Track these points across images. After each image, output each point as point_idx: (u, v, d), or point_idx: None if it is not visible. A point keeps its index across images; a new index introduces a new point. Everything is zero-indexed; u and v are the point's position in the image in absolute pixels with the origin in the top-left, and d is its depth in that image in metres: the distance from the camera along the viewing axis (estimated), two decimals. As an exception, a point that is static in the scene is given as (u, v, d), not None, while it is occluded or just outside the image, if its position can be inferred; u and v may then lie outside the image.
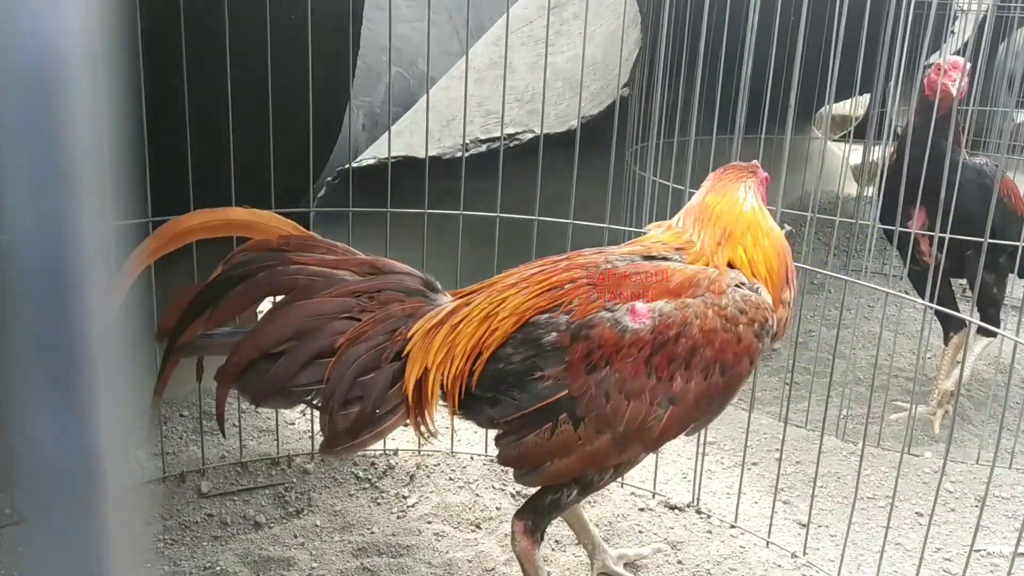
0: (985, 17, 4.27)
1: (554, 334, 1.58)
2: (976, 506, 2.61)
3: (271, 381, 1.58)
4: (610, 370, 1.55)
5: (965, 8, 5.79)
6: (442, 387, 1.64)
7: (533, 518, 1.72)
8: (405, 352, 1.61)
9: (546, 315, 1.60)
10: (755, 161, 1.90)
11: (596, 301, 1.58)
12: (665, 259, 1.67)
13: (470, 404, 1.66)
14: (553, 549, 2.27)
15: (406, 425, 1.66)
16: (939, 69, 2.84)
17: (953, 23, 5.39)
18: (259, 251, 1.65)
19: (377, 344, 1.60)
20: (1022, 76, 5.59)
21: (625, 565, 2.13)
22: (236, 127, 2.28)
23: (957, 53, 5.20)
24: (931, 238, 2.78)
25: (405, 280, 1.67)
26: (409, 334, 1.62)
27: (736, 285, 1.63)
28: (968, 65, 2.86)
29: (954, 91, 2.78)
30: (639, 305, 1.57)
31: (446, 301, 1.70)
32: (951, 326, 3.20)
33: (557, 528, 2.29)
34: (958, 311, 3.14)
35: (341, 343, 1.58)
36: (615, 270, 1.63)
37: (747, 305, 1.60)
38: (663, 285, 1.59)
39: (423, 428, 1.65)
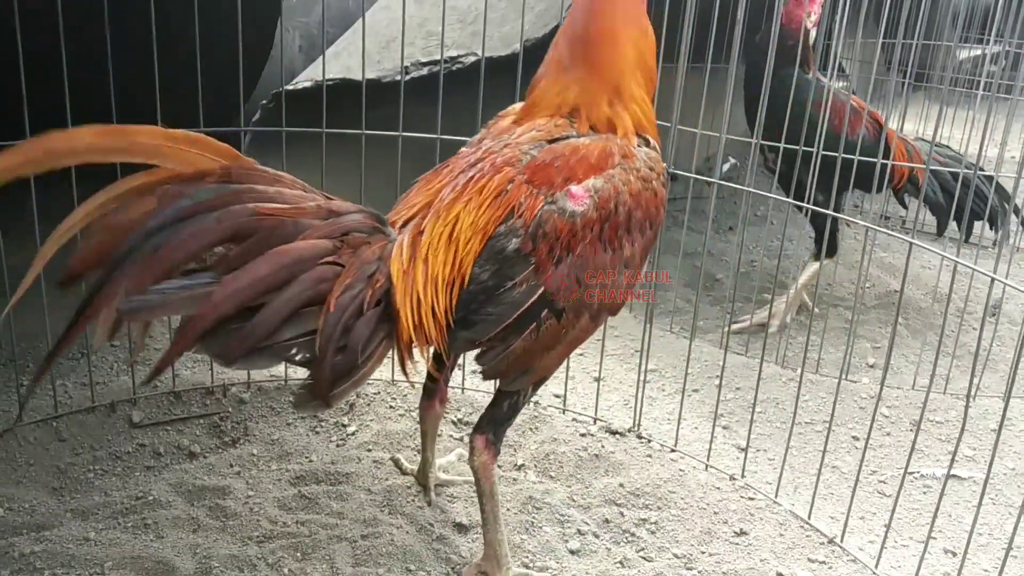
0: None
1: (515, 240, 1.58)
2: (911, 430, 2.66)
3: (249, 339, 1.40)
4: (573, 256, 1.60)
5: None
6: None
7: (493, 430, 1.76)
8: (392, 297, 1.54)
9: (503, 225, 1.60)
10: None
11: (538, 196, 1.61)
12: (567, 138, 1.69)
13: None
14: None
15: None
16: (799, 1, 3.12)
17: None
18: (198, 184, 1.39)
19: (359, 291, 1.51)
20: (965, 12, 5.61)
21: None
22: (158, 43, 2.16)
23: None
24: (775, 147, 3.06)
25: (363, 220, 1.58)
26: (387, 277, 1.55)
27: (637, 145, 1.72)
28: None
29: (809, 25, 3.12)
30: (574, 188, 1.61)
31: (396, 234, 1.64)
32: (819, 247, 3.28)
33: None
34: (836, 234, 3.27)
35: (330, 290, 1.47)
36: (539, 161, 1.64)
37: (652, 161, 1.71)
38: (585, 163, 1.64)
39: (410, 365, 1.63)
